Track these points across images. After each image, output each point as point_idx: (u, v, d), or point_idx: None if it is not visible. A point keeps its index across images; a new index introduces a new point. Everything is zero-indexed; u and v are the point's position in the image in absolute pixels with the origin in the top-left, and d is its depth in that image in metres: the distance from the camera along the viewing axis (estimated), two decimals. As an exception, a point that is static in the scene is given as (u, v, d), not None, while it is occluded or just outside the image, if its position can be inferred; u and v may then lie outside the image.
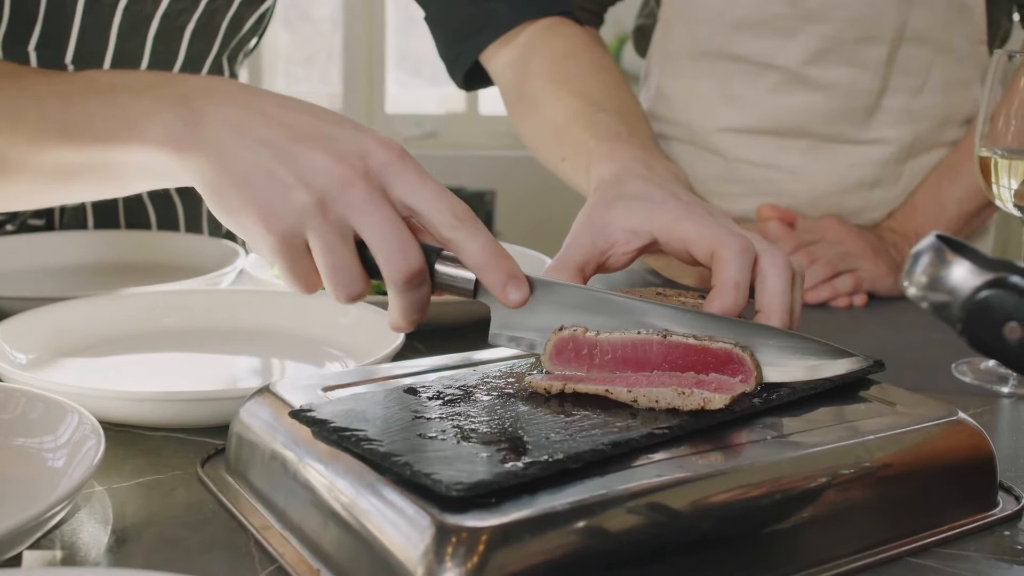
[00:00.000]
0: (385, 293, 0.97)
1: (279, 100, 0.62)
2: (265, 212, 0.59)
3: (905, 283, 0.44)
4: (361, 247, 0.61)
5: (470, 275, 0.62)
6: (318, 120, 0.61)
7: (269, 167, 0.59)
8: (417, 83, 3.34)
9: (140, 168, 0.63)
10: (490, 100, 3.18)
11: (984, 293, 0.41)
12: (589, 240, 0.70)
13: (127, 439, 0.67)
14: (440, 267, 0.62)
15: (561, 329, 0.62)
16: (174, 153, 0.61)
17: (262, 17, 1.12)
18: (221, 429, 0.67)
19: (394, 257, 0.59)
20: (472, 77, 1.05)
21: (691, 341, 0.60)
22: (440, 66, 1.07)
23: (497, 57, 1.01)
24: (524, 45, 0.99)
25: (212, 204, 0.61)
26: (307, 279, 0.61)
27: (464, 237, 0.60)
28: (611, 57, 1.03)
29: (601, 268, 0.71)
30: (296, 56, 3.43)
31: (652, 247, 0.71)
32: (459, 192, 2.98)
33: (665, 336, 0.60)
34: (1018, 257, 0.89)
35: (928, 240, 0.43)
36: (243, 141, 0.60)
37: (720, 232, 0.67)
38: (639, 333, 0.61)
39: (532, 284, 0.62)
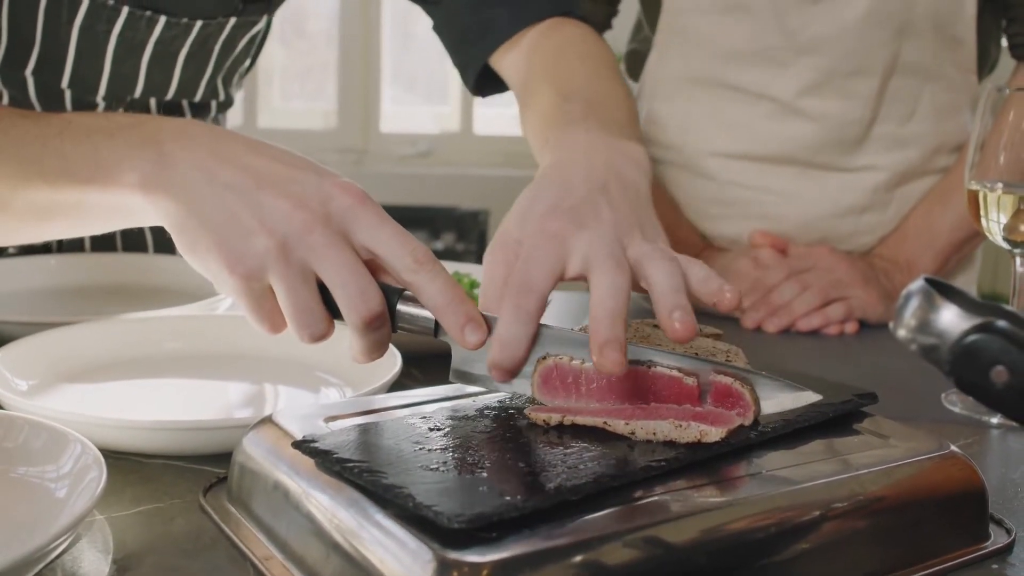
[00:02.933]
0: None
1: (247, 145, 0.65)
2: (228, 255, 0.61)
3: (894, 326, 0.45)
4: (325, 288, 0.62)
5: (431, 316, 0.63)
6: (283, 166, 0.63)
7: (233, 212, 0.61)
8: (412, 101, 3.35)
9: (112, 208, 0.66)
10: (485, 119, 3.20)
11: (972, 337, 0.42)
12: (503, 259, 0.67)
13: (126, 466, 0.68)
14: (402, 308, 0.64)
15: (545, 358, 0.63)
16: (144, 195, 0.64)
17: (253, 39, 1.13)
18: (219, 457, 0.67)
19: (354, 301, 0.61)
20: (484, 83, 1.05)
21: (674, 373, 0.61)
22: (435, 85, 1.08)
23: (506, 61, 1.02)
24: (527, 48, 1.00)
25: (179, 244, 0.64)
26: (271, 319, 0.64)
27: (423, 280, 0.62)
28: (604, 47, 1.00)
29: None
30: (291, 70, 3.44)
31: None
32: (453, 211, 3.00)
33: (650, 367, 0.61)
34: (1008, 287, 0.90)
35: (917, 284, 0.44)
36: (210, 186, 0.62)
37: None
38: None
39: (490, 324, 0.63)
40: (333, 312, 0.63)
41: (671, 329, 0.61)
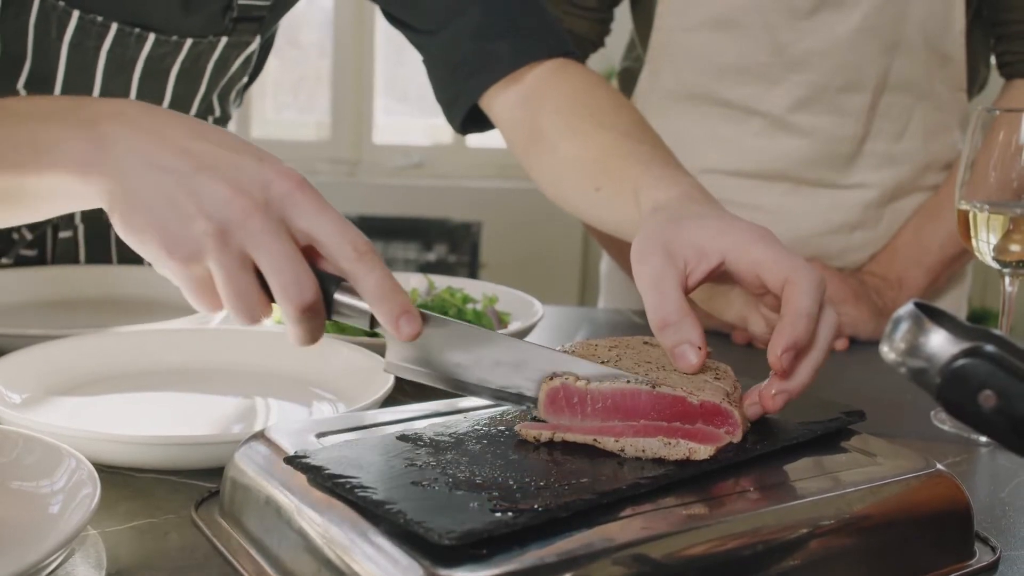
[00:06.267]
0: (376, 335, 0.98)
1: (188, 127, 0.64)
2: (167, 239, 0.61)
3: (884, 349, 0.46)
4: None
5: (367, 308, 0.64)
6: (223, 149, 0.63)
7: (171, 195, 0.61)
8: (405, 113, 3.36)
9: (52, 192, 0.65)
10: (477, 131, 3.20)
11: (960, 362, 0.43)
12: (661, 261, 0.67)
13: (119, 480, 0.68)
14: (339, 297, 0.64)
15: (552, 378, 0.63)
16: (81, 177, 0.63)
17: (249, 59, 1.13)
18: (211, 471, 0.67)
19: (288, 290, 0.61)
20: (469, 120, 1.03)
21: (679, 392, 0.61)
22: (429, 96, 1.06)
23: (501, 98, 1.00)
24: (533, 85, 0.98)
25: (117, 226, 0.63)
26: (210, 301, 0.64)
27: (361, 271, 0.62)
28: (624, 96, 1.00)
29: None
30: (285, 81, 3.45)
31: (719, 270, 0.68)
32: (445, 223, 3.01)
33: (654, 387, 0.62)
34: (998, 303, 0.90)
35: (907, 308, 0.45)
36: (148, 168, 0.62)
37: (796, 261, 0.66)
38: (627, 383, 0.62)
39: (425, 319, 0.64)
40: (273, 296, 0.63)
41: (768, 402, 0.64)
